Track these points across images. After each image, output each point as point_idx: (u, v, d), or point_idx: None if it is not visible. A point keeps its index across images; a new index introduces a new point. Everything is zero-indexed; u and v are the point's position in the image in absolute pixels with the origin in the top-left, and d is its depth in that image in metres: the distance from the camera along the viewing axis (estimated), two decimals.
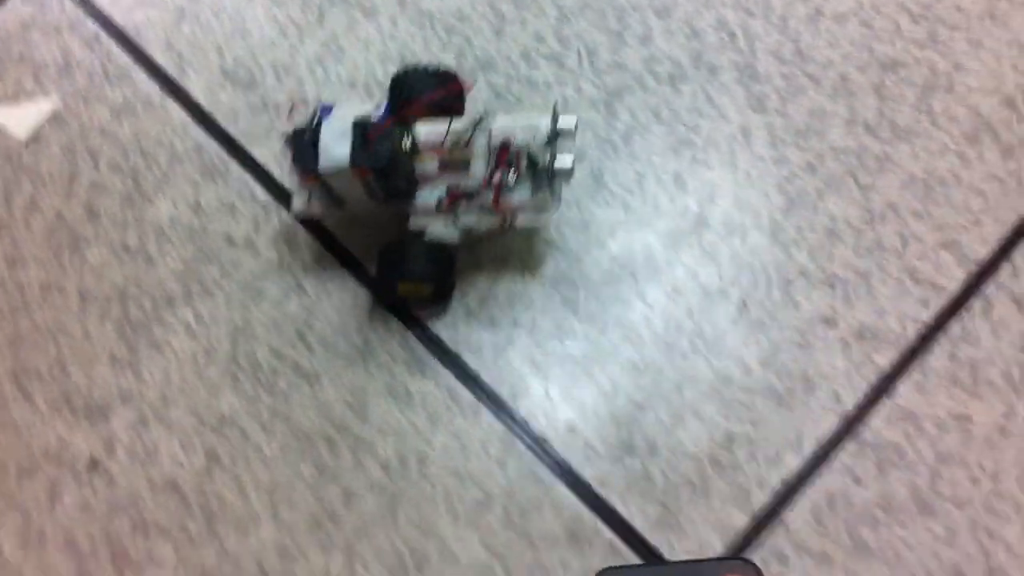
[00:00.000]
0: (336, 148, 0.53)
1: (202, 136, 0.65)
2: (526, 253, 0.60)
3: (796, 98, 0.64)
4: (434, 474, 0.57)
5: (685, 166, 0.62)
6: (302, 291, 0.61)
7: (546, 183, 0.54)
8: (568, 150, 0.55)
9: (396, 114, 0.55)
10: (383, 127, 0.53)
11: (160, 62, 0.67)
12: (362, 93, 0.65)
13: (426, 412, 0.58)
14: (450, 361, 0.60)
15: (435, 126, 0.56)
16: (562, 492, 0.56)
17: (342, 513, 0.56)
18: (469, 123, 0.56)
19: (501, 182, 0.54)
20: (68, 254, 0.63)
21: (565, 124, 0.55)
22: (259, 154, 0.64)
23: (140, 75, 0.67)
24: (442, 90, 0.58)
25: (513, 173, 0.54)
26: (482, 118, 0.56)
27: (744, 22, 0.66)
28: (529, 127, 0.55)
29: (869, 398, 0.58)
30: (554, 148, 0.55)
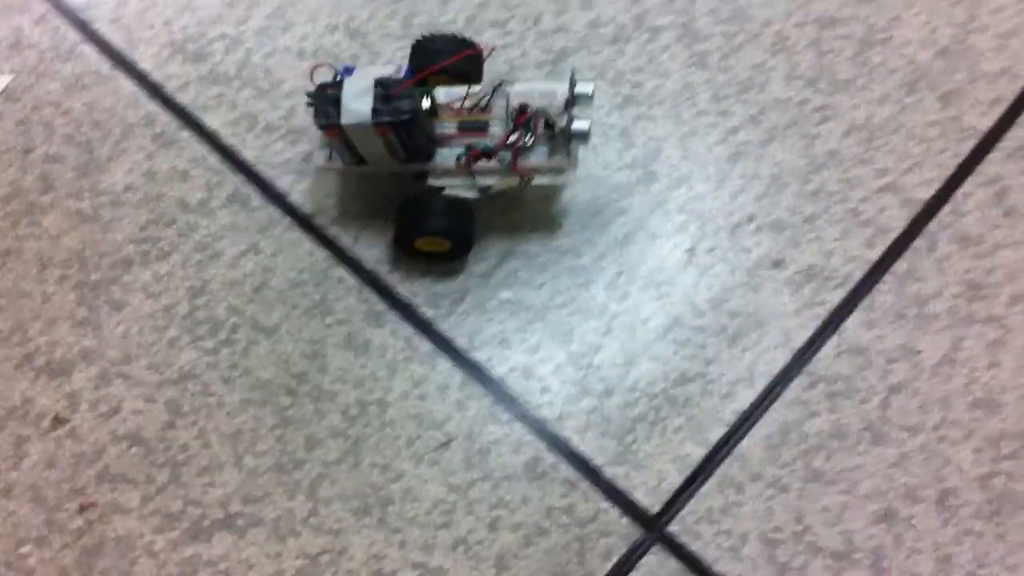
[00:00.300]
0: (358, 104, 0.54)
1: (153, 107, 0.66)
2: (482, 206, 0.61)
3: (736, 54, 0.66)
4: (394, 419, 0.57)
5: (630, 122, 0.64)
6: (258, 251, 0.61)
7: (563, 145, 0.56)
8: (585, 115, 0.57)
9: (420, 76, 0.56)
10: (404, 85, 0.54)
11: (109, 37, 0.69)
12: (317, 61, 0.66)
13: (384, 361, 0.59)
14: (406, 312, 0.61)
15: (455, 89, 0.58)
16: (520, 431, 0.57)
17: (305, 458, 0.57)
18: (488, 87, 0.58)
19: (519, 143, 0.55)
20: (25, 223, 0.63)
21: (582, 89, 0.57)
22: (210, 121, 0.65)
23: (90, 50, 0.68)
24: (460, 54, 0.60)
25: (530, 135, 0.55)
26: (501, 83, 0.57)
27: None
28: (547, 92, 0.56)
29: (818, 334, 0.58)
30: (571, 112, 0.56)
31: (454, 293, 0.60)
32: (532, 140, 0.56)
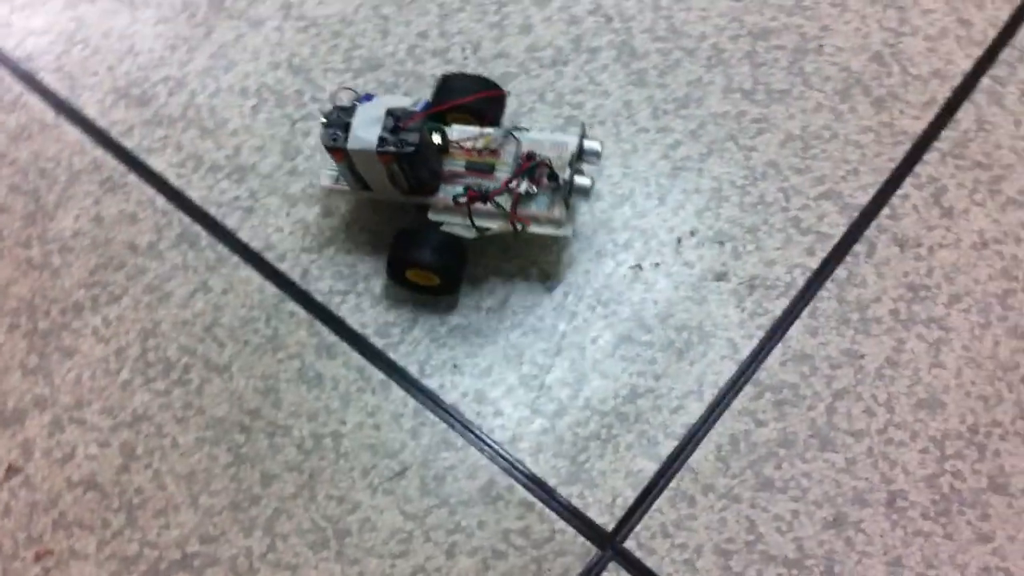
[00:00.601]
0: (366, 131, 0.55)
1: (99, 152, 0.67)
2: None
3: (674, 71, 0.67)
4: (349, 450, 0.58)
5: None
6: (208, 289, 0.62)
7: (563, 198, 0.56)
8: (586, 172, 0.58)
9: (433, 110, 0.57)
10: (415, 118, 0.54)
11: (53, 87, 0.69)
12: (261, 99, 0.67)
13: (337, 393, 0.59)
14: (358, 342, 0.62)
15: (469, 128, 0.59)
16: (474, 456, 0.58)
17: (261, 494, 0.57)
18: (502, 132, 0.58)
19: (518, 189, 0.56)
20: None
21: (590, 146, 0.58)
22: (156, 164, 0.66)
23: (34, 100, 0.69)
24: (477, 95, 0.60)
25: (531, 183, 0.56)
26: (516, 129, 0.58)
27: (619, 4, 0.69)
28: (557, 144, 0.57)
29: (764, 344, 0.59)
30: (576, 166, 0.57)
31: (404, 321, 0.60)
32: (534, 189, 0.56)
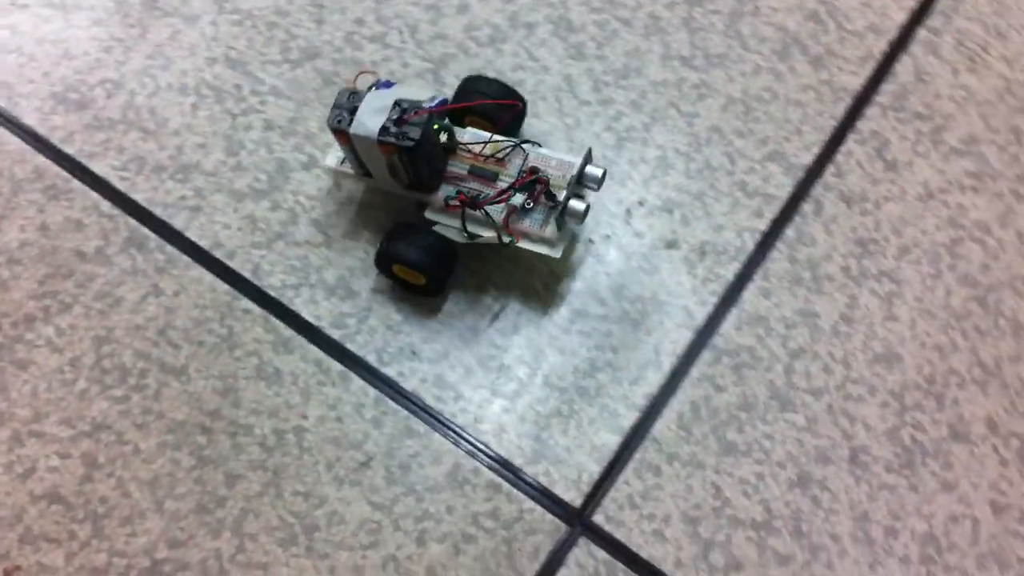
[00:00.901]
0: (370, 118, 0.54)
1: (41, 160, 0.66)
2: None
3: (611, 42, 0.67)
4: (312, 444, 0.58)
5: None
6: (159, 292, 0.61)
7: (555, 219, 0.56)
8: (587, 196, 0.58)
9: (447, 109, 0.56)
10: (421, 112, 0.54)
11: None
12: (201, 95, 0.66)
13: (297, 388, 0.59)
14: (314, 335, 0.61)
15: (481, 133, 0.58)
16: (438, 441, 0.58)
17: (227, 495, 0.57)
18: (512, 142, 0.57)
19: (507, 199, 0.56)
20: None
21: (591, 171, 0.57)
22: (98, 168, 0.65)
23: None
24: (496, 100, 0.59)
25: (529, 198, 0.55)
26: (525, 141, 0.57)
27: None
28: (563, 164, 0.57)
29: (718, 309, 0.60)
30: (575, 189, 0.57)
31: (360, 311, 0.60)
32: (530, 204, 0.55)
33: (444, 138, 0.56)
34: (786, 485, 0.56)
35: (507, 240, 0.56)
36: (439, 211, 0.58)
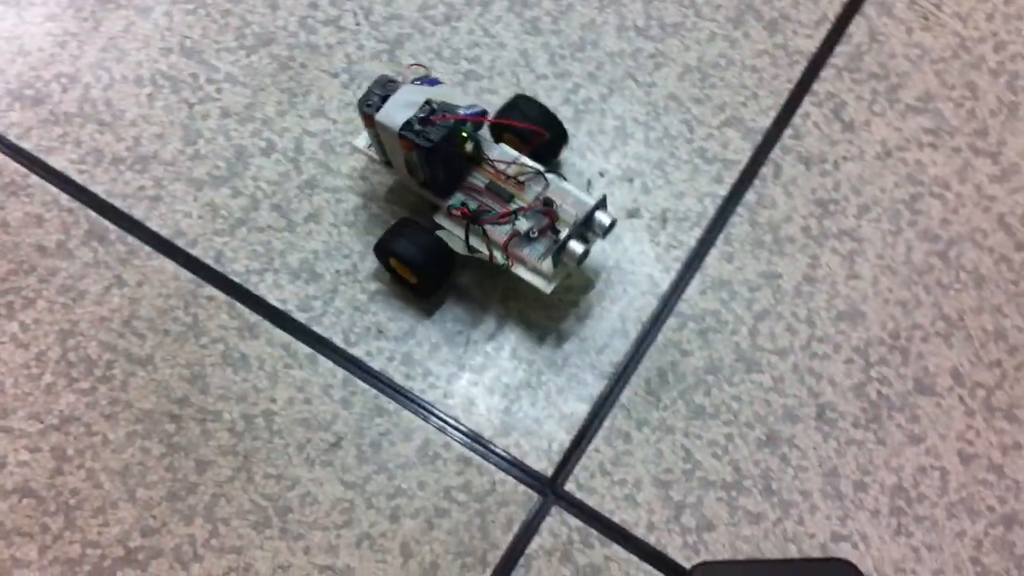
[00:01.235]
0: (397, 110, 0.54)
1: None
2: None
3: (567, 15, 0.67)
4: (282, 427, 0.58)
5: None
6: (122, 283, 0.61)
7: (553, 254, 0.55)
8: (589, 240, 0.57)
9: (471, 118, 0.56)
10: (447, 117, 0.54)
11: None
12: (157, 86, 0.66)
13: (264, 372, 0.59)
14: (280, 319, 0.61)
15: (510, 152, 0.58)
16: (408, 418, 0.58)
17: (198, 482, 0.57)
18: (535, 168, 0.57)
19: (518, 227, 0.56)
20: None
21: (600, 218, 0.57)
22: (56, 163, 0.65)
23: None
24: (523, 124, 0.59)
25: (535, 227, 0.55)
26: (550, 172, 0.57)
27: None
28: (579, 203, 0.56)
29: (682, 275, 0.60)
30: (580, 230, 0.56)
31: (325, 293, 0.60)
32: (535, 233, 0.55)
33: (470, 148, 0.56)
34: (755, 445, 0.56)
35: (503, 262, 0.56)
36: (447, 217, 0.57)
